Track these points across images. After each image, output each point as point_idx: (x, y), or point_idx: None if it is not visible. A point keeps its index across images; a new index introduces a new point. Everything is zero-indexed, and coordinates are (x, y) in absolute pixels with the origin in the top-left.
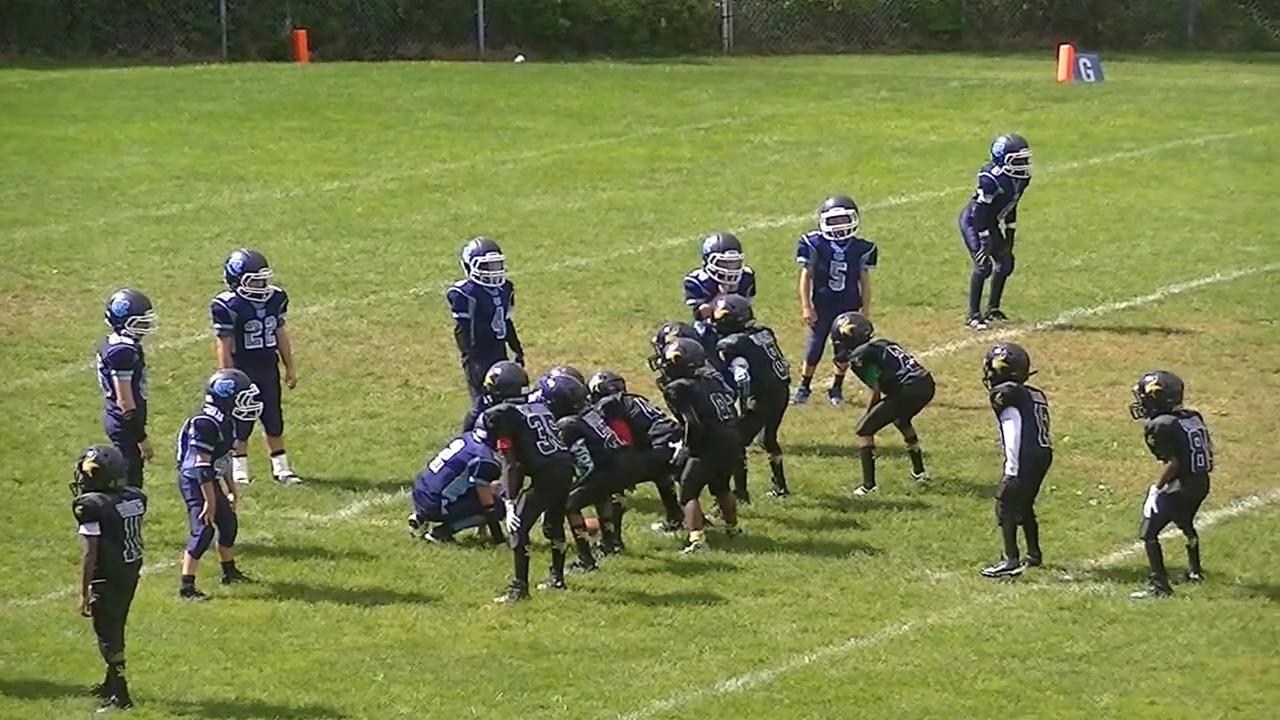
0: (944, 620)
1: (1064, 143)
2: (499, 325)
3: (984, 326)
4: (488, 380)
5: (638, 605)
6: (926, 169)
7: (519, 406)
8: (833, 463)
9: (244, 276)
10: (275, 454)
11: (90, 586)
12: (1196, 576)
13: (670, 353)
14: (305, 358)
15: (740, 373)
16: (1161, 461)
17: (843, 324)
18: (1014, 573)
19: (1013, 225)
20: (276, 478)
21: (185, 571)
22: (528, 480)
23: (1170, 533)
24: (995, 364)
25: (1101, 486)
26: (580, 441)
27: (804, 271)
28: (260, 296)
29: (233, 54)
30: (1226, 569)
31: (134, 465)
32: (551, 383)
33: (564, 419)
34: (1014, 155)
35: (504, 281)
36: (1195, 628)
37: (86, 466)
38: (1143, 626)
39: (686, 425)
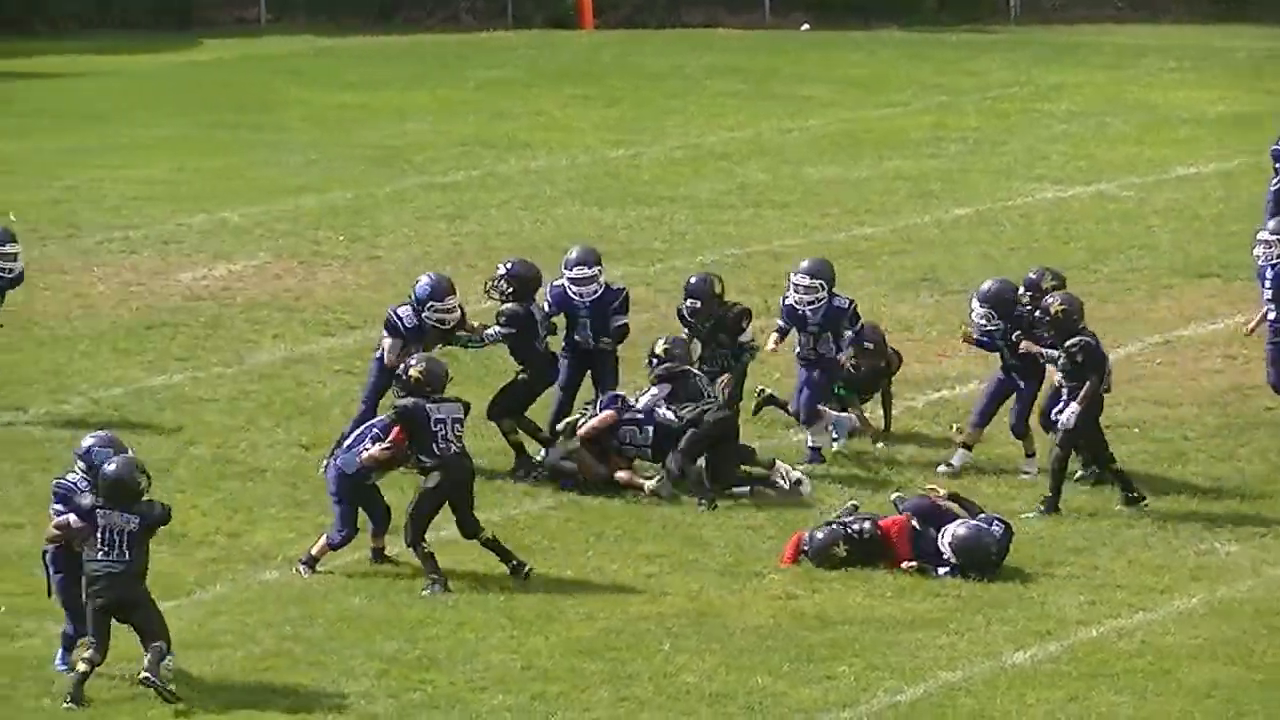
0: (1233, 593)
1: None
2: (582, 334)
3: None
4: (412, 374)
5: (924, 577)
6: (1215, 139)
7: (428, 405)
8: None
9: (429, 304)
10: None
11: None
12: (1139, 498)
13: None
14: None
15: (665, 413)
16: (1077, 381)
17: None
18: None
19: None
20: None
21: (314, 552)
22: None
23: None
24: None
25: None
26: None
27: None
28: (444, 324)
29: (517, 21)
30: None
31: None
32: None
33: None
34: None
35: (596, 296)
36: None
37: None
38: None
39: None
